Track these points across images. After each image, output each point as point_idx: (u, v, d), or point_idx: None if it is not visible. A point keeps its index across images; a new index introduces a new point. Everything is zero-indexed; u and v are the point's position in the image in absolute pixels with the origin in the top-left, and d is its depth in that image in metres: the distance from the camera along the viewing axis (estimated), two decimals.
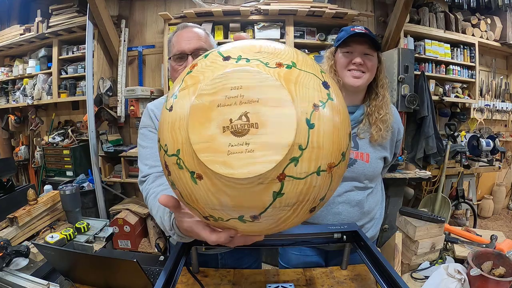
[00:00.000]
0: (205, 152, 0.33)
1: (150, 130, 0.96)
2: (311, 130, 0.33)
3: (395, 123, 1.04)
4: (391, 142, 1.05)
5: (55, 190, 1.34)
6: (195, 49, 0.89)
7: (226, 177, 0.33)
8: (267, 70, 0.35)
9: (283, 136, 0.32)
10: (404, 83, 2.44)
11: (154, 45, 2.95)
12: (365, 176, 1.01)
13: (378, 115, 0.97)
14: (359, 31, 0.94)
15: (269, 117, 0.32)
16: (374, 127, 0.98)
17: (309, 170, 0.34)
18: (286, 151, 0.32)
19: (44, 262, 1.01)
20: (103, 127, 2.95)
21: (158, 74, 2.96)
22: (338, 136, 0.35)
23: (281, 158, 0.32)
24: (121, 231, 2.59)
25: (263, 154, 0.32)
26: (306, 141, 0.33)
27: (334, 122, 0.35)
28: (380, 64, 0.98)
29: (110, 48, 2.90)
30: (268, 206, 0.35)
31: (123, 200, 2.95)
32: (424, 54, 2.91)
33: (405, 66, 2.43)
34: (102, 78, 2.89)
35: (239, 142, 0.32)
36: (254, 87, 0.33)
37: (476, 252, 0.87)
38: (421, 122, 2.66)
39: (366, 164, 1.00)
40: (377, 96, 0.98)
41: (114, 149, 2.77)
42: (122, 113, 2.87)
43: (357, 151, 1.02)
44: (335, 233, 0.88)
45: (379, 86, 0.98)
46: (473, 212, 2.85)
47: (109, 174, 2.87)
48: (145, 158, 0.89)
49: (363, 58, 0.95)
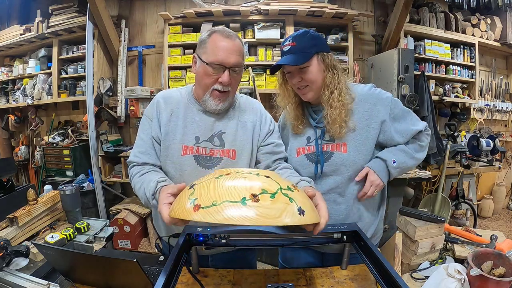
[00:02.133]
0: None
1: (147, 120, 1.01)
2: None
3: (371, 103, 1.01)
4: (369, 122, 1.01)
5: (55, 190, 1.34)
6: (234, 65, 0.92)
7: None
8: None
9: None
10: (404, 83, 2.44)
11: (154, 45, 2.96)
12: (346, 168, 1.00)
13: (327, 110, 1.00)
14: (285, 48, 0.98)
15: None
16: (327, 121, 1.01)
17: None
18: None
19: (44, 262, 1.01)
20: (103, 127, 2.96)
21: (158, 74, 2.96)
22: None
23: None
24: (121, 231, 2.59)
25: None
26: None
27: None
28: (324, 62, 0.99)
29: (110, 48, 2.90)
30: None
31: (123, 200, 2.95)
32: (424, 54, 2.91)
33: (405, 66, 2.44)
34: (102, 78, 2.89)
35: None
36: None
37: (476, 252, 0.87)
38: None
39: (344, 154, 1.01)
40: (324, 94, 1.01)
41: (114, 149, 2.77)
42: (122, 113, 2.87)
43: (333, 143, 1.03)
44: (335, 233, 0.88)
45: (324, 85, 1.01)
46: (473, 212, 2.85)
47: (109, 174, 2.88)
48: (136, 145, 1.03)
49: (300, 74, 0.99)
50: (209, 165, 0.97)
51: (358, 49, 2.94)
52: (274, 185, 0.59)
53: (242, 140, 1.01)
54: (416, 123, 1.05)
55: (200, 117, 1.00)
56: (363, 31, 2.96)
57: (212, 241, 0.86)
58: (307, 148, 1.07)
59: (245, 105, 1.08)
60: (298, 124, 1.08)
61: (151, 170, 0.97)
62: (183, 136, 0.97)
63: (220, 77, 0.92)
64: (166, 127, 0.98)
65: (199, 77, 0.97)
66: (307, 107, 1.10)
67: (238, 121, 1.03)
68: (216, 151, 0.98)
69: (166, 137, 0.98)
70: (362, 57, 2.96)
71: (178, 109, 1.00)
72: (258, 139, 1.05)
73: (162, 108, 1.00)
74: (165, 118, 0.99)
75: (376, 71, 2.73)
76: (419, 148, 1.07)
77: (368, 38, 2.97)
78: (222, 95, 0.95)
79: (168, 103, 1.01)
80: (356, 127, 1.01)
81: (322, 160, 1.03)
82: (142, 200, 0.92)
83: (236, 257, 1.08)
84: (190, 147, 0.97)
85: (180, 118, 0.99)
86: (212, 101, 0.95)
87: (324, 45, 1.01)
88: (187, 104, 1.02)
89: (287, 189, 0.60)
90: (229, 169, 0.66)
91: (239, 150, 1.00)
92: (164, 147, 0.98)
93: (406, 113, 1.05)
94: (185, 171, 0.96)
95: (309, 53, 0.97)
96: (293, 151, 1.10)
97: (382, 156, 1.02)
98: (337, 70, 1.01)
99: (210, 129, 0.99)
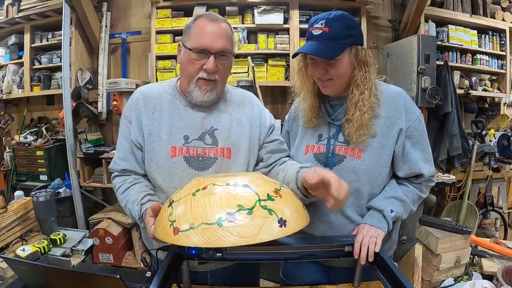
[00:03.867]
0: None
1: (126, 122, 1.03)
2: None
3: (397, 110, 1.01)
4: (390, 130, 1.01)
5: (27, 197, 1.34)
6: (221, 50, 0.93)
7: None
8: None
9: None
10: (425, 74, 2.44)
11: (140, 32, 2.95)
12: (357, 176, 1.01)
13: (353, 112, 0.99)
14: (315, 32, 0.97)
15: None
16: (351, 125, 1.00)
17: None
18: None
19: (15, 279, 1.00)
20: (82, 124, 2.95)
21: (145, 64, 2.96)
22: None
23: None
24: (102, 243, 2.58)
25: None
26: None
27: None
28: (356, 57, 0.99)
29: (90, 35, 2.90)
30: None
31: (105, 208, 2.94)
32: (448, 42, 2.91)
33: (425, 55, 2.44)
34: (81, 69, 2.89)
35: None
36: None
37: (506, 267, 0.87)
38: (444, 119, 2.67)
39: (357, 160, 1.01)
40: (352, 94, 1.00)
41: (95, 150, 2.77)
42: (103, 108, 2.86)
43: (347, 147, 1.02)
44: (346, 245, 0.88)
45: (353, 84, 1.00)
46: (503, 222, 2.84)
47: (88, 178, 2.87)
48: (116, 149, 1.06)
49: (326, 66, 0.97)
50: (202, 166, 0.98)
51: (373, 35, 2.94)
52: (252, 197, 0.64)
53: (238, 136, 1.02)
54: (427, 163, 1.03)
55: (187, 113, 1.00)
56: (378, 15, 2.95)
57: (206, 255, 0.85)
58: (317, 147, 1.07)
59: (238, 98, 1.08)
60: (313, 116, 1.08)
61: (134, 183, 1.00)
62: (170, 136, 0.98)
63: (205, 64, 0.93)
64: (148, 128, 0.99)
65: (183, 66, 0.98)
66: (324, 100, 1.10)
67: (232, 116, 1.03)
68: (209, 150, 0.98)
69: (149, 139, 0.98)
70: (377, 45, 2.96)
71: (161, 106, 1.01)
72: (259, 135, 1.06)
73: (142, 107, 1.00)
74: (146, 118, 0.99)
75: (392, 61, 2.73)
76: (417, 199, 1.05)
77: (384, 23, 2.97)
78: (208, 83, 0.96)
79: (149, 100, 1.01)
80: (377, 133, 1.01)
81: (332, 163, 1.03)
82: (130, 217, 0.99)
83: (236, 273, 1.08)
84: (179, 148, 0.97)
85: (164, 116, 1.00)
86: (198, 92, 0.96)
87: (360, 36, 1.00)
88: (172, 99, 1.02)
89: (267, 199, 0.65)
90: (206, 178, 0.71)
91: (235, 148, 1.00)
92: (148, 151, 0.99)
93: (424, 144, 1.04)
94: (175, 175, 0.97)
95: (342, 45, 0.95)
96: (302, 147, 1.10)
97: (376, 205, 1.00)
98: (369, 67, 1.00)
99: (200, 126, 1.00)
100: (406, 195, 1.03)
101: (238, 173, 0.94)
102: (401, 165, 1.03)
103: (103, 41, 2.90)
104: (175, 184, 0.96)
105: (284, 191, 0.71)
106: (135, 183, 1.00)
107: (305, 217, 0.71)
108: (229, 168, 0.99)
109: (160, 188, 0.99)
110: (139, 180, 1.01)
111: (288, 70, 2.73)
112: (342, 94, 1.04)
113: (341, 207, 0.75)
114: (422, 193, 1.06)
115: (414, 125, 1.01)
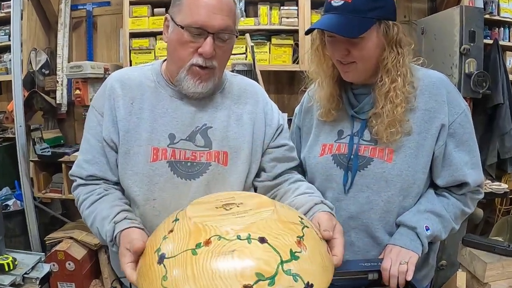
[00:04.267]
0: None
1: (96, 115, 1.01)
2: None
3: (438, 101, 1.01)
4: (429, 126, 1.01)
5: None
6: (221, 29, 0.92)
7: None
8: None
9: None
10: (470, 56, 2.44)
11: (109, 2, 2.96)
12: (387, 183, 1.01)
13: (383, 105, 0.99)
14: (335, 3, 0.96)
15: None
16: (380, 120, 1.00)
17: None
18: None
19: None
20: (36, 120, 2.95)
21: (116, 43, 2.96)
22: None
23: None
24: (62, 269, 2.58)
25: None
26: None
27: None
28: (386, 36, 0.98)
29: (47, 7, 2.89)
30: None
31: (65, 224, 2.93)
32: (498, 15, 2.90)
33: (470, 32, 2.43)
34: (35, 50, 2.89)
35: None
36: None
37: None
38: (494, 112, 2.67)
39: (387, 164, 1.01)
40: (381, 83, 1.00)
41: (52, 152, 2.76)
42: (63, 99, 2.86)
43: (374, 147, 1.03)
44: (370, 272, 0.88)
45: (382, 69, 1.00)
46: None
47: (44, 187, 2.87)
48: (81, 150, 1.04)
49: (348, 45, 0.97)
50: (190, 174, 0.97)
51: (403, 7, 2.95)
52: (272, 259, 0.61)
53: (237, 138, 1.01)
54: (474, 169, 1.03)
55: (174, 105, 1.00)
56: None
57: None
58: (337, 146, 1.08)
59: (239, 88, 1.08)
60: (332, 108, 1.08)
61: (104, 194, 0.97)
62: (152, 135, 0.97)
63: (200, 47, 0.91)
64: (125, 123, 0.98)
65: (171, 47, 0.97)
66: (346, 88, 1.10)
67: (230, 112, 1.03)
68: (200, 153, 0.98)
69: (126, 138, 0.98)
70: (408, 19, 2.97)
71: (142, 96, 1.00)
72: (264, 137, 1.05)
73: (118, 96, 0.99)
74: (123, 111, 0.98)
75: (429, 39, 2.73)
76: (459, 215, 1.05)
77: None
78: (204, 72, 0.95)
79: (127, 89, 1.00)
80: (412, 131, 1.01)
81: (356, 166, 1.03)
82: (98, 238, 0.94)
83: None
84: (162, 150, 0.97)
85: (145, 108, 0.99)
86: (190, 81, 0.95)
87: (391, 8, 0.99)
88: (155, 88, 1.02)
89: (290, 259, 0.62)
90: (207, 225, 0.65)
91: (233, 153, 1.00)
92: (123, 152, 0.98)
93: (472, 144, 1.03)
94: (155, 184, 0.96)
95: (369, 20, 0.95)
96: (317, 147, 1.11)
97: (408, 220, 1.00)
98: (403, 47, 1.00)
99: (190, 122, 1.00)
100: (446, 209, 1.02)
101: (244, 193, 0.87)
102: (441, 170, 1.03)
103: (63, 15, 2.90)
104: (155, 196, 0.96)
105: (308, 235, 0.69)
106: (105, 194, 0.98)
107: (330, 267, 0.70)
108: (225, 177, 0.99)
109: (135, 201, 0.98)
110: (110, 190, 0.99)
111: (296, 50, 2.73)
112: (368, 81, 1.05)
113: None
114: (466, 208, 1.05)
115: (459, 120, 1.01)
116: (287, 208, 0.80)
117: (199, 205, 0.76)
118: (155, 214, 0.97)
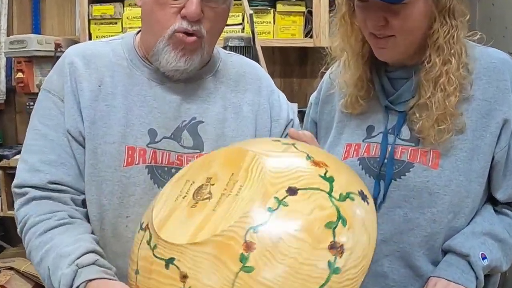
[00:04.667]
0: None
1: (53, 100, 1.00)
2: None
3: (499, 88, 1.02)
4: (487, 122, 1.03)
5: None
6: None
7: None
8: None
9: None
10: None
11: None
12: (431, 197, 1.01)
13: (431, 93, 1.00)
14: None
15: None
16: (426, 114, 1.01)
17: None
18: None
19: None
20: None
21: (70, 11, 2.99)
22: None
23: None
24: None
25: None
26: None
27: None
28: (437, 3, 0.99)
29: None
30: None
31: (4, 250, 2.98)
32: None
33: None
34: None
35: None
36: None
37: None
38: None
39: (432, 171, 1.02)
40: (430, 64, 1.01)
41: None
42: (0, 85, 2.89)
43: (415, 148, 1.04)
44: None
45: (431, 46, 1.01)
46: None
47: None
48: (28, 148, 0.99)
49: (386, 13, 0.97)
50: None
51: None
52: (320, 199, 0.65)
53: (236, 136, 1.04)
54: None
55: (153, 92, 1.01)
56: None
57: None
58: (365, 147, 1.10)
59: (236, 71, 1.11)
60: (360, 96, 1.09)
61: (66, 222, 0.91)
62: (126, 129, 0.98)
63: (184, 8, 0.92)
64: (90, 111, 0.98)
65: (147, 10, 0.98)
66: (379, 70, 1.11)
67: (225, 102, 1.06)
68: (188, 156, 1.00)
69: (92, 132, 0.98)
70: None
71: (112, 77, 1.01)
72: (269, 136, 1.08)
73: (81, 76, 0.99)
74: (88, 95, 0.98)
75: (484, 7, 2.72)
76: None
77: None
78: (189, 41, 0.95)
79: (93, 67, 1.01)
80: (465, 127, 1.01)
81: (390, 175, 1.04)
82: (44, 283, 0.87)
83: None
84: (140, 150, 0.98)
85: (117, 94, 1.00)
86: (171, 53, 0.96)
87: None
88: (128, 68, 1.03)
89: (330, 183, 0.67)
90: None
91: None
92: (88, 151, 0.98)
93: None
94: (130, 196, 0.97)
95: None
96: (339, 148, 1.14)
97: (459, 246, 1.01)
98: (457, 19, 1.00)
99: (175, 115, 1.01)
100: (509, 231, 1.04)
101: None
102: (503, 180, 1.04)
103: None
104: (129, 213, 0.96)
105: (313, 153, 0.74)
106: (70, 222, 0.92)
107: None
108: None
109: (102, 220, 0.97)
110: (77, 218, 0.94)
111: (310, 20, 2.70)
112: (409, 62, 1.06)
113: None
114: None
115: None
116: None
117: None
118: (128, 236, 0.93)
